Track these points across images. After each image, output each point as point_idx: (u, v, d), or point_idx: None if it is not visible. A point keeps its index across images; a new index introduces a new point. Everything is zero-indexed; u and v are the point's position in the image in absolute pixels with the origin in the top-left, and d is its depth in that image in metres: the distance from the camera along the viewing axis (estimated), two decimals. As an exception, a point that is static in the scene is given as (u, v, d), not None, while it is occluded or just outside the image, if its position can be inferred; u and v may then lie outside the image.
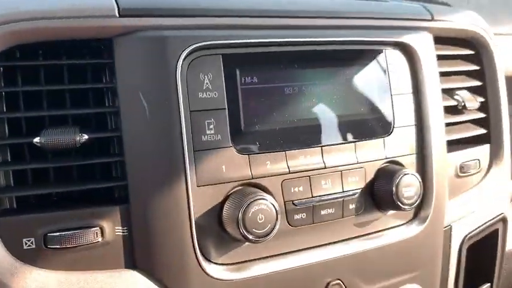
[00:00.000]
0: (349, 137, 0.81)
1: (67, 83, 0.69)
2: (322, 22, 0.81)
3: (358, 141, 0.82)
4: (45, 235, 0.65)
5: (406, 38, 0.86)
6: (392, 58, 0.86)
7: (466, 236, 0.97)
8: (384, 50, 0.85)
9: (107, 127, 0.71)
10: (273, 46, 0.76)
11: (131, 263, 0.69)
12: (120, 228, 0.68)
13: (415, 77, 0.88)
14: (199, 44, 0.70)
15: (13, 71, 0.67)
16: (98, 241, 0.67)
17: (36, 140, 0.65)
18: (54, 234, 0.65)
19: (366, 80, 0.84)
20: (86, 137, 0.67)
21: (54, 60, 0.68)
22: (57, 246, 0.65)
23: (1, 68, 0.66)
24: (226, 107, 0.72)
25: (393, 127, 0.85)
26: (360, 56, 0.83)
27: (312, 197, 0.77)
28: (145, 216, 0.68)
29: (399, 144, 0.86)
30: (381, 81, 0.85)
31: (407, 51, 0.87)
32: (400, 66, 0.87)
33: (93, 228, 0.67)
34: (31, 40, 0.65)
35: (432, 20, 0.93)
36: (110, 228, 0.68)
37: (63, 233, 0.65)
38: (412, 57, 0.88)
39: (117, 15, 0.67)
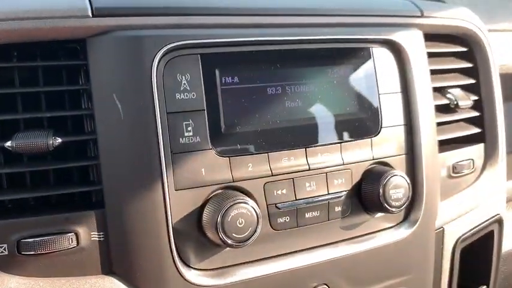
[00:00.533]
0: (335, 137, 0.79)
1: (42, 85, 0.67)
2: (306, 20, 0.79)
3: (344, 141, 0.80)
4: (19, 241, 0.64)
5: (394, 36, 0.84)
6: (380, 56, 0.84)
7: (460, 238, 0.95)
8: (370, 48, 0.83)
9: (83, 130, 0.70)
10: (254, 45, 0.74)
11: (108, 269, 0.68)
12: (96, 233, 0.67)
13: (403, 75, 0.86)
14: (176, 44, 0.68)
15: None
16: (73, 247, 0.65)
17: (8, 144, 0.63)
18: (28, 240, 0.64)
19: (352, 79, 0.81)
20: (59, 140, 0.65)
21: (28, 62, 0.67)
22: (31, 253, 0.64)
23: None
24: (205, 108, 0.70)
25: (381, 127, 0.83)
26: (345, 54, 0.81)
27: (296, 199, 0.75)
28: (121, 221, 0.67)
29: (387, 145, 0.84)
30: (367, 80, 0.83)
31: (395, 49, 0.85)
32: (387, 64, 0.85)
33: (68, 234, 0.65)
34: (3, 41, 0.64)
35: (422, 16, 0.90)
36: (85, 234, 0.66)
37: (37, 239, 0.64)
38: (400, 55, 0.85)
39: (91, 15, 0.66)
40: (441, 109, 0.95)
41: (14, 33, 0.64)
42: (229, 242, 0.67)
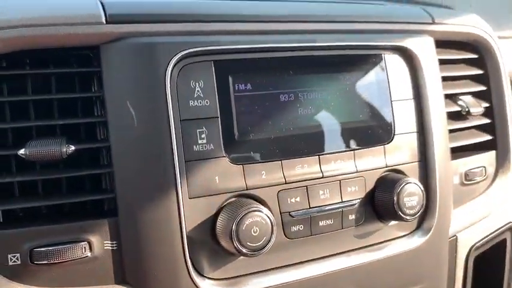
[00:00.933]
0: (348, 145, 0.78)
1: (55, 92, 0.67)
2: (319, 26, 0.79)
3: (357, 149, 0.79)
4: (31, 250, 0.63)
5: (406, 42, 0.84)
6: (392, 63, 0.83)
7: (473, 246, 0.94)
8: (382, 55, 0.83)
9: (96, 137, 0.69)
10: (267, 52, 0.74)
11: (121, 278, 0.67)
12: (109, 242, 0.66)
13: (415, 82, 0.85)
14: (189, 51, 0.68)
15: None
16: (87, 256, 0.65)
17: (21, 151, 0.63)
18: (41, 249, 0.63)
19: (365, 85, 0.81)
20: (72, 148, 0.64)
21: (41, 69, 0.66)
22: (44, 262, 0.63)
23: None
24: (219, 116, 0.70)
25: (394, 134, 0.82)
26: (357, 61, 0.81)
27: (310, 207, 0.75)
28: (134, 229, 0.66)
29: (400, 152, 0.83)
30: (380, 87, 0.82)
31: (407, 55, 0.85)
32: (400, 71, 0.84)
33: (81, 243, 0.64)
34: (17, 48, 0.63)
35: (433, 23, 0.90)
36: (98, 242, 0.65)
37: (50, 248, 0.63)
38: (412, 62, 0.85)
39: (104, 22, 0.65)
40: (453, 116, 0.94)
41: (27, 40, 0.63)
42: (244, 251, 0.66)
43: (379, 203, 0.79)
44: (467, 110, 0.95)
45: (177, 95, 0.67)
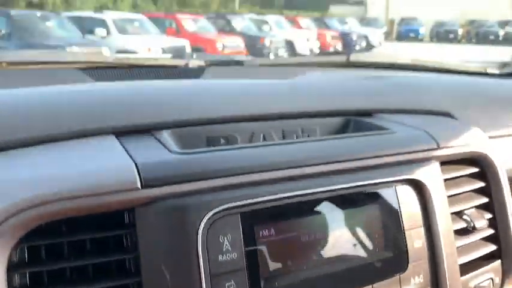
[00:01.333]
0: (367, 279, 0.82)
1: (89, 256, 0.70)
2: (333, 167, 0.83)
3: (375, 282, 0.82)
4: None
5: (415, 174, 0.89)
6: (403, 193, 0.88)
7: None
8: (394, 187, 0.87)
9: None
10: (288, 198, 0.78)
11: None
12: None
13: (425, 209, 0.90)
14: (220, 208, 0.71)
15: (36, 247, 0.68)
16: None
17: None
18: None
19: (380, 219, 0.85)
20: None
21: (78, 236, 0.69)
22: None
23: (25, 248, 0.67)
24: (245, 267, 0.73)
25: (408, 263, 0.86)
26: (372, 196, 0.85)
27: None
28: None
29: (414, 279, 0.87)
30: (393, 218, 0.86)
31: (417, 185, 0.89)
32: (410, 200, 0.89)
33: None
34: (55, 219, 0.67)
35: (438, 148, 0.95)
36: None
37: None
38: (421, 191, 0.90)
39: (140, 187, 0.69)
40: (459, 232, 0.98)
41: (65, 212, 0.66)
42: None
43: (398, 336, 0.82)
44: (472, 225, 1.00)
45: (207, 252, 0.71)
